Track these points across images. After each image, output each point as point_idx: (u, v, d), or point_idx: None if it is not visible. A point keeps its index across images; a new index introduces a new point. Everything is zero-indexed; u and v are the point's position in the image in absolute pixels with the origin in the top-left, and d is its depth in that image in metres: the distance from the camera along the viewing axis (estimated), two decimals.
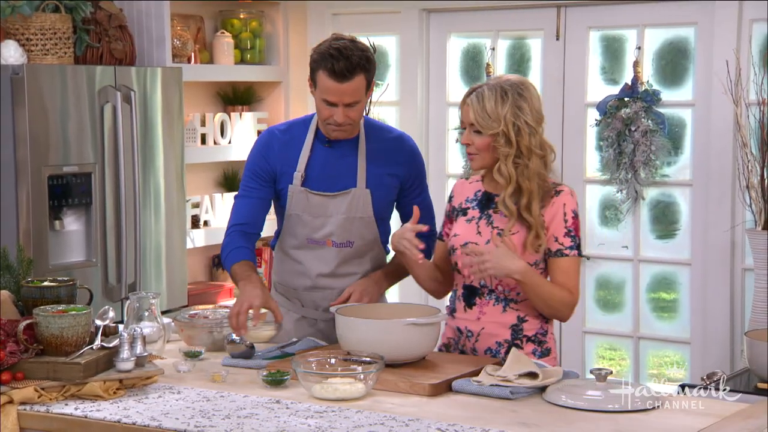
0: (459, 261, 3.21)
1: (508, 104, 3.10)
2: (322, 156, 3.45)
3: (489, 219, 3.19)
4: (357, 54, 3.28)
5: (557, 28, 5.15)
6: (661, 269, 5.12)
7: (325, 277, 3.47)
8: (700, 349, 4.92)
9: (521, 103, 3.11)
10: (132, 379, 2.88)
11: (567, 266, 3.14)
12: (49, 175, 4.27)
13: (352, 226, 3.42)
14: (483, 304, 3.19)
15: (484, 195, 3.24)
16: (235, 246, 3.45)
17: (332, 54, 3.26)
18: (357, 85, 3.29)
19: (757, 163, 4.52)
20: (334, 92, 3.28)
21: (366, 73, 3.30)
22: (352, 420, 2.61)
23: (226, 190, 5.57)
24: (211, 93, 5.60)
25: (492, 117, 3.09)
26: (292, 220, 3.47)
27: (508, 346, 3.16)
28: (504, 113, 3.09)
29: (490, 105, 3.10)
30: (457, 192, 3.32)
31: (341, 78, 3.26)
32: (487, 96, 3.11)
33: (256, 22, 5.60)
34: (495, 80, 3.16)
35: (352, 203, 3.42)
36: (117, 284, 4.52)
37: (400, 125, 5.37)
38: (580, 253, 3.16)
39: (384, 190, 3.47)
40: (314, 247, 3.46)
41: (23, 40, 4.42)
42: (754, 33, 4.70)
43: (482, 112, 3.10)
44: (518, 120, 3.10)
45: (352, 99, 3.30)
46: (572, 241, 3.14)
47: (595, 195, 5.18)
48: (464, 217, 3.24)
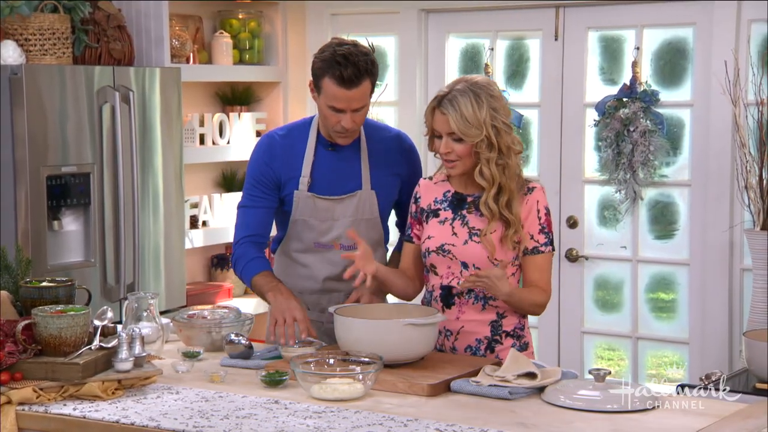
0: (436, 264, 3.22)
1: (484, 108, 3.09)
2: (326, 160, 3.44)
3: (464, 220, 3.19)
4: (363, 59, 3.27)
5: (556, 28, 5.15)
6: (659, 269, 5.12)
7: (332, 280, 3.47)
8: (698, 349, 4.92)
9: (495, 104, 3.11)
10: (130, 379, 2.88)
11: (541, 263, 3.19)
12: (48, 176, 4.27)
13: (359, 228, 3.41)
14: (462, 303, 3.20)
15: (455, 196, 3.23)
16: (251, 257, 3.44)
17: (338, 61, 3.24)
18: (364, 91, 3.29)
19: (755, 164, 4.52)
20: (342, 99, 3.27)
21: (372, 77, 3.31)
22: (350, 420, 2.61)
23: (225, 190, 5.57)
24: (210, 93, 5.59)
25: (473, 124, 3.08)
26: (298, 225, 3.46)
27: (488, 343, 3.20)
28: (483, 118, 3.08)
29: (468, 112, 3.08)
30: (424, 193, 3.30)
31: (349, 85, 3.25)
32: (462, 102, 3.08)
33: (254, 23, 5.60)
34: (462, 84, 3.13)
35: (359, 205, 3.42)
36: (115, 284, 4.52)
37: (399, 125, 5.37)
38: (553, 248, 3.22)
39: (388, 190, 3.47)
40: (321, 250, 3.46)
41: (22, 41, 4.42)
42: (753, 33, 4.70)
43: (462, 120, 3.08)
44: (496, 121, 3.10)
45: (360, 104, 3.30)
46: (546, 237, 3.19)
47: (594, 195, 5.18)
48: (436, 219, 3.23)
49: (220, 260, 5.51)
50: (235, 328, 3.36)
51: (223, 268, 5.50)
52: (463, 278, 3.16)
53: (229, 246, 5.52)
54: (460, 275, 3.18)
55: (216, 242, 5.39)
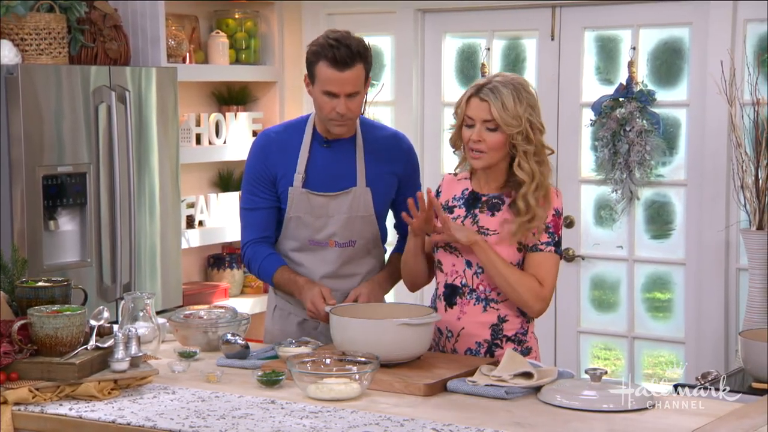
0: (442, 260, 3.23)
1: (524, 103, 3.12)
2: (321, 157, 3.44)
3: (475, 218, 3.20)
4: (355, 42, 3.30)
5: (552, 28, 5.16)
6: (655, 269, 5.12)
7: (328, 278, 3.46)
8: (694, 349, 4.92)
9: (532, 102, 3.14)
10: (127, 379, 2.88)
11: (541, 260, 3.17)
12: (44, 175, 4.26)
13: (354, 226, 3.41)
14: (464, 303, 3.20)
15: (471, 194, 3.23)
16: (265, 255, 3.47)
17: (331, 44, 3.27)
18: (357, 74, 3.29)
19: (751, 163, 4.52)
20: (336, 82, 3.28)
21: (365, 62, 3.31)
22: (347, 420, 2.61)
23: (221, 190, 5.57)
24: (206, 93, 5.59)
25: (513, 115, 3.09)
26: (293, 223, 3.46)
27: (488, 346, 3.18)
28: (522, 112, 3.10)
29: (510, 103, 3.09)
30: (445, 188, 3.31)
31: (342, 66, 3.26)
32: (504, 93, 3.10)
33: (251, 22, 5.60)
34: (501, 78, 3.15)
35: (353, 202, 3.42)
36: (112, 284, 4.51)
37: (396, 125, 5.37)
38: (557, 252, 3.20)
39: (383, 188, 3.47)
40: (316, 248, 3.46)
41: (18, 40, 4.41)
42: (749, 33, 4.70)
43: (503, 109, 3.09)
44: (533, 118, 3.13)
45: (353, 88, 3.30)
46: (549, 237, 3.18)
47: (590, 195, 5.18)
48: (450, 215, 3.24)
49: (217, 260, 5.51)
50: (231, 328, 3.36)
51: (219, 268, 5.49)
52: (465, 278, 3.17)
53: (226, 246, 5.54)
54: (464, 274, 3.18)
55: (212, 242, 5.38)
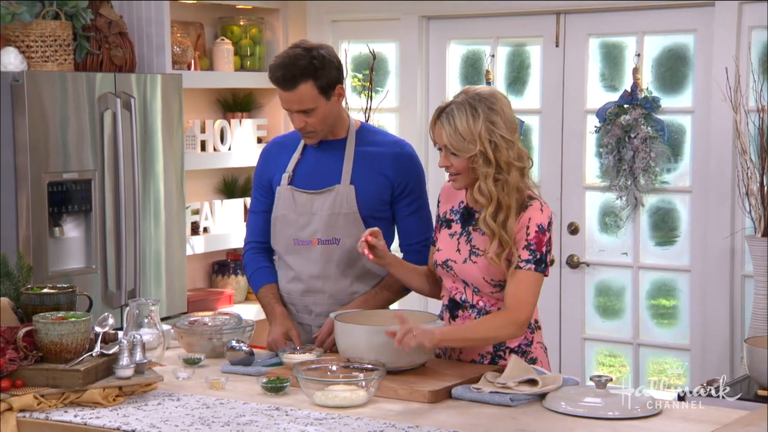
0: (443, 277, 3.21)
1: (480, 121, 2.99)
2: (312, 156, 3.49)
3: (468, 237, 3.14)
4: (302, 63, 3.29)
5: (557, 34, 5.16)
6: (660, 276, 5.12)
7: (315, 278, 3.46)
8: (699, 356, 4.91)
9: (493, 117, 3.00)
10: (131, 386, 2.88)
11: (519, 279, 3.03)
12: (49, 182, 4.27)
13: (336, 223, 3.42)
14: (465, 317, 3.17)
15: (465, 209, 3.18)
16: (257, 266, 3.56)
17: (274, 63, 3.33)
18: (302, 93, 3.30)
19: (756, 170, 4.52)
20: (283, 100, 3.36)
21: (315, 79, 3.30)
22: (351, 427, 2.61)
23: (226, 196, 5.57)
24: (211, 100, 5.60)
25: (467, 138, 2.99)
26: (279, 223, 3.49)
27: (491, 358, 3.17)
28: (478, 131, 2.98)
29: (462, 125, 2.99)
30: (444, 198, 3.27)
31: (284, 86, 3.32)
32: (458, 116, 3.00)
33: (255, 29, 5.61)
34: (462, 96, 3.05)
35: (336, 199, 3.42)
36: (116, 291, 4.52)
37: (400, 132, 5.38)
38: (539, 269, 3.03)
39: (371, 188, 3.43)
40: (300, 248, 3.46)
41: (23, 47, 4.43)
42: (754, 40, 4.70)
43: (455, 134, 3.00)
44: (493, 136, 2.99)
45: (300, 107, 3.33)
46: (530, 254, 3.03)
47: (595, 202, 5.18)
48: (447, 230, 3.20)
49: (221, 266, 5.51)
50: (236, 334, 3.36)
51: (224, 275, 5.50)
52: (465, 294, 3.16)
53: (230, 252, 5.54)
54: (464, 291, 3.16)
55: (217, 248, 5.39)
